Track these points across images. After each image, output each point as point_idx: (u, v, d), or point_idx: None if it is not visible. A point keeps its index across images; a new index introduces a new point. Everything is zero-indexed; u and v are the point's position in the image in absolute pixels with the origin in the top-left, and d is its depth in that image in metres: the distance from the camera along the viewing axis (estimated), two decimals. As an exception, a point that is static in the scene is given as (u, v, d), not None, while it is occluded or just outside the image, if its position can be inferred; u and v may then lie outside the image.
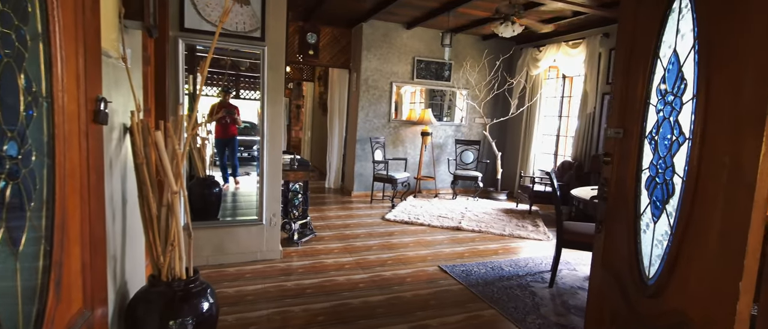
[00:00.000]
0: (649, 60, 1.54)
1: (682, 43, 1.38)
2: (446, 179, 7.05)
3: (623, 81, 1.73)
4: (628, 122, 1.67)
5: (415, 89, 6.85)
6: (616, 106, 1.78)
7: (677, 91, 1.38)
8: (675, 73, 1.40)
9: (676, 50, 1.40)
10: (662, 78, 1.47)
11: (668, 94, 1.43)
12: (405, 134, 6.75)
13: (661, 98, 1.47)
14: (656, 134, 1.48)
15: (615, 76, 1.81)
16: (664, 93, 1.46)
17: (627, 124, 1.68)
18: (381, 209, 5.66)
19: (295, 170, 4.02)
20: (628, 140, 1.66)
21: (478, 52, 6.87)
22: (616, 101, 1.79)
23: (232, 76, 5.15)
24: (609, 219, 1.78)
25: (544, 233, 4.70)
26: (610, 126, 1.80)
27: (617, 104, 1.77)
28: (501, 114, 7.06)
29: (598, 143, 5.55)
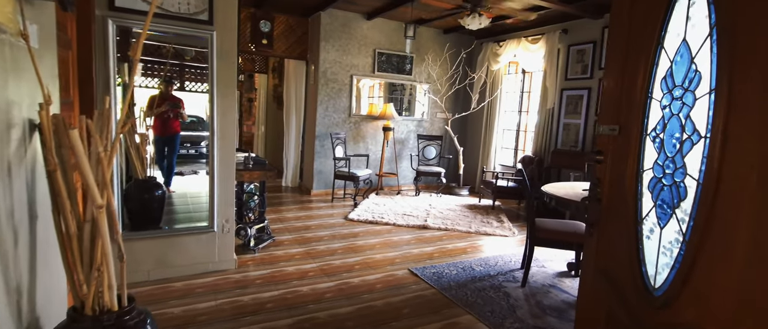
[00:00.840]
0: (651, 51, 1.42)
1: (693, 32, 1.25)
2: (408, 175, 6.91)
3: (618, 73, 1.61)
4: (625, 118, 1.55)
5: (376, 82, 6.62)
6: (608, 100, 1.66)
7: (688, 84, 1.26)
8: (686, 66, 1.27)
9: (686, 40, 1.28)
10: (668, 71, 1.35)
11: (677, 88, 1.31)
12: (366, 130, 6.51)
13: (667, 93, 1.35)
14: (662, 132, 1.36)
15: (607, 68, 1.69)
16: (671, 87, 1.34)
17: (623, 120, 1.56)
18: (343, 209, 5.39)
19: (250, 170, 3.66)
20: (626, 138, 1.53)
21: (440, 46, 6.76)
22: (608, 96, 1.66)
23: (176, 66, 4.67)
24: (603, 221, 1.67)
25: (509, 229, 4.68)
26: (602, 123, 1.68)
27: (611, 99, 1.64)
28: (462, 109, 7.02)
29: (557, 138, 5.63)
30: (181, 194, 4.70)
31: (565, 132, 5.53)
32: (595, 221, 1.72)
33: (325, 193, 6.21)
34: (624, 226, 1.54)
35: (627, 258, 1.51)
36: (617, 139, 1.59)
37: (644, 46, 1.46)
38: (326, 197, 6.02)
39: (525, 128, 6.43)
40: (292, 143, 6.70)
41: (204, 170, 3.48)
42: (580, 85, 5.32)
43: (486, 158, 6.72)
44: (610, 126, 1.62)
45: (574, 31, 5.35)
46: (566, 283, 3.24)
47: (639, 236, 1.45)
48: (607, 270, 1.65)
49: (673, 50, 1.33)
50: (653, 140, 1.40)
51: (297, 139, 6.71)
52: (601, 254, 1.69)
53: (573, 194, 2.92)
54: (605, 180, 1.66)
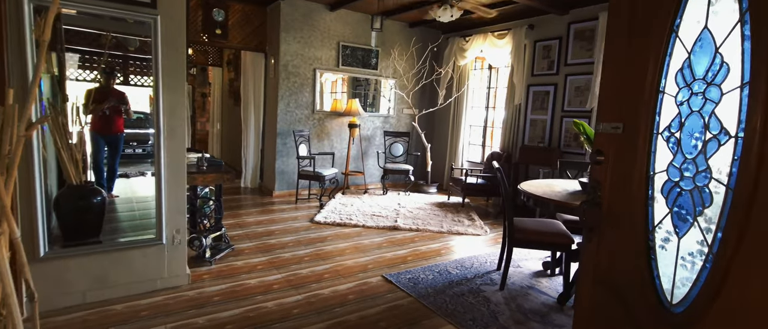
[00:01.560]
0: (663, 40, 1.28)
1: (716, 20, 1.12)
2: (376, 173, 6.70)
3: (620, 65, 1.47)
4: (631, 114, 1.41)
5: (340, 77, 6.33)
6: (609, 95, 1.52)
7: (712, 78, 1.12)
8: (709, 57, 1.14)
9: (708, 28, 1.14)
10: (686, 62, 1.21)
11: (697, 81, 1.17)
12: (331, 127, 6.21)
13: (684, 87, 1.22)
14: (678, 131, 1.23)
15: (607, 59, 1.54)
16: (689, 81, 1.20)
17: (628, 117, 1.42)
18: (308, 211, 5.09)
19: (204, 173, 3.29)
20: (632, 137, 1.39)
21: (406, 40, 6.58)
22: (608, 90, 1.52)
23: (119, 57, 4.19)
24: (603, 227, 1.53)
25: (480, 227, 4.59)
26: (602, 119, 1.54)
27: (612, 93, 1.50)
28: (429, 105, 6.89)
29: (524, 134, 5.63)
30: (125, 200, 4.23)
31: (532, 128, 5.53)
32: (594, 227, 1.58)
33: (289, 194, 5.86)
34: (630, 234, 1.40)
35: (635, 269, 1.37)
36: (621, 138, 1.45)
37: (653, 34, 1.32)
38: (290, 199, 5.68)
39: (492, 124, 6.40)
40: (251, 141, 6.28)
41: (152, 170, 3.09)
42: (546, 81, 5.33)
43: (453, 155, 6.63)
44: (612, 124, 1.48)
45: (540, 26, 5.34)
46: (544, 283, 3.16)
47: (650, 246, 1.32)
48: (609, 281, 1.51)
49: (691, 39, 1.20)
50: (667, 139, 1.27)
51: (256, 137, 6.30)
52: (601, 263, 1.55)
53: (551, 193, 2.83)
54: (606, 183, 1.52)
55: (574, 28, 4.97)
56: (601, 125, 1.54)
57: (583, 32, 4.87)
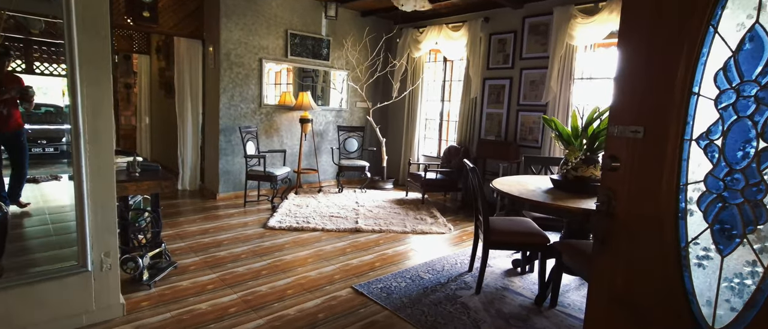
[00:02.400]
0: (697, 37, 1.15)
1: None
2: (330, 170, 6.37)
3: (640, 63, 1.34)
4: (654, 118, 1.28)
5: (284, 67, 5.88)
6: (625, 95, 1.38)
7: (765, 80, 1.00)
8: (760, 56, 1.02)
9: (760, 23, 1.02)
10: (729, 62, 1.09)
11: (747, 83, 1.05)
12: (280, 122, 5.76)
13: (728, 89, 1.10)
14: (718, 138, 1.11)
15: (623, 54, 1.40)
16: (734, 82, 1.08)
17: (651, 121, 1.29)
18: (260, 214, 4.66)
19: (137, 180, 2.79)
20: (658, 143, 1.27)
21: (359, 30, 6.27)
22: (624, 90, 1.39)
23: (20, 42, 3.51)
24: (619, 240, 1.41)
25: (443, 225, 4.48)
26: (616, 122, 1.40)
27: (629, 93, 1.37)
28: (383, 98, 6.67)
29: (481, 128, 5.61)
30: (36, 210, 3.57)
31: (489, 122, 5.53)
32: (605, 237, 1.46)
33: (235, 196, 5.36)
34: (655, 249, 1.28)
35: (664, 287, 1.26)
36: (641, 143, 1.32)
37: (685, 29, 1.18)
38: (237, 202, 5.18)
39: (447, 117, 6.34)
40: (189, 138, 5.64)
41: (69, 173, 2.55)
42: (502, 74, 5.33)
43: (409, 150, 6.49)
44: (630, 128, 1.35)
45: (496, 19, 5.32)
46: (517, 283, 3.10)
47: (684, 263, 1.20)
48: (628, 299, 1.40)
49: (736, 36, 1.07)
50: (706, 147, 1.15)
51: (195, 133, 5.67)
52: (617, 280, 1.43)
53: (526, 192, 2.75)
54: (622, 192, 1.39)
55: (528, 22, 4.99)
56: (617, 128, 1.40)
57: (538, 27, 4.91)
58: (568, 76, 4.56)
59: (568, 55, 4.53)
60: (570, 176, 2.79)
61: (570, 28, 4.45)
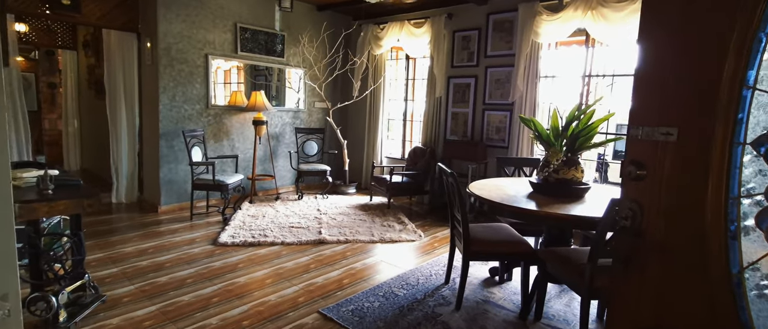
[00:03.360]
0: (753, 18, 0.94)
1: None
2: (287, 175, 5.93)
3: (670, 51, 1.12)
4: (693, 118, 1.07)
5: (233, 65, 5.38)
6: (650, 91, 1.17)
7: None
8: None
9: None
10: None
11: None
12: (231, 124, 5.25)
13: (798, 80, 0.89)
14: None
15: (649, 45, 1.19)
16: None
17: (687, 121, 1.08)
18: (209, 228, 4.16)
19: (50, 200, 2.27)
20: (695, 147, 1.06)
21: (316, 25, 5.89)
22: (649, 84, 1.17)
23: None
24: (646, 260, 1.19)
25: (413, 232, 4.23)
26: (640, 122, 1.18)
27: (656, 89, 1.15)
28: (342, 98, 6.32)
29: (446, 128, 5.43)
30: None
31: (454, 121, 5.36)
32: (628, 257, 1.24)
33: (180, 208, 4.79)
34: (697, 273, 1.07)
35: (709, 317, 1.05)
36: (675, 148, 1.11)
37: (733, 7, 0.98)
38: (182, 215, 4.62)
39: (411, 117, 6.11)
40: (124, 144, 4.99)
41: None
42: (466, 73, 5.18)
43: (372, 151, 6.20)
44: (661, 129, 1.13)
45: (459, 16, 5.15)
46: (497, 294, 2.90)
47: (738, 292, 0.99)
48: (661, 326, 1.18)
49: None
50: (766, 154, 0.94)
51: (131, 138, 5.03)
52: (643, 307, 1.22)
53: (507, 198, 2.54)
54: (651, 205, 1.17)
55: (493, 19, 4.86)
56: (641, 130, 1.18)
57: (503, 24, 4.79)
58: (534, 74, 4.47)
59: (534, 53, 4.44)
60: (551, 178, 2.61)
61: (536, 26, 4.36)
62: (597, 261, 2.04)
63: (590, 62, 4.30)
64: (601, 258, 2.04)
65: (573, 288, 2.27)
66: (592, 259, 2.05)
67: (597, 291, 2.10)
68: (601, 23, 3.93)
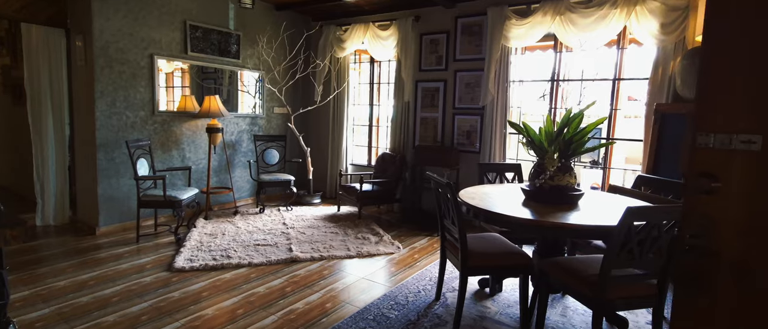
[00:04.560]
0: None
1: None
2: (246, 187, 5.48)
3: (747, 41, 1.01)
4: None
5: (180, 67, 4.87)
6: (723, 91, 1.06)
7: None
8: None
9: None
10: None
11: None
12: (181, 132, 4.73)
13: None
14: None
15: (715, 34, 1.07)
16: None
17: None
18: (161, 251, 3.66)
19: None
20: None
21: (275, 25, 5.51)
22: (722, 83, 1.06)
23: None
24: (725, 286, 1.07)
25: (390, 243, 4.01)
26: (709, 129, 1.07)
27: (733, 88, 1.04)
28: (303, 102, 5.98)
29: (415, 133, 5.29)
30: None
31: (423, 126, 5.23)
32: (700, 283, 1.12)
33: (124, 229, 4.21)
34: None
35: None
36: (760, 158, 1.00)
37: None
38: (127, 236, 4.05)
39: (377, 123, 5.91)
40: (51, 156, 4.29)
41: None
42: (435, 77, 5.08)
43: (336, 159, 5.91)
44: (740, 137, 1.02)
45: (427, 18, 5.04)
46: (492, 308, 2.77)
47: None
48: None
49: None
50: None
51: (60, 150, 4.34)
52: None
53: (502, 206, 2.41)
54: (728, 222, 1.06)
55: (461, 22, 4.80)
56: (714, 138, 1.06)
57: (471, 27, 4.75)
58: (504, 78, 4.46)
59: (504, 57, 4.43)
60: (546, 185, 2.53)
61: (505, 30, 4.35)
62: (610, 272, 1.96)
63: (559, 67, 4.36)
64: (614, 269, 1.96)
65: (582, 301, 2.17)
66: (605, 270, 1.95)
67: (611, 303, 2.01)
68: (570, 28, 3.99)
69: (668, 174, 3.24)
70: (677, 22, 3.50)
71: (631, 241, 1.93)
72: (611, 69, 4.07)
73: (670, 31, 3.54)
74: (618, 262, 1.96)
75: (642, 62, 4.01)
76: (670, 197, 2.69)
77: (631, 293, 2.07)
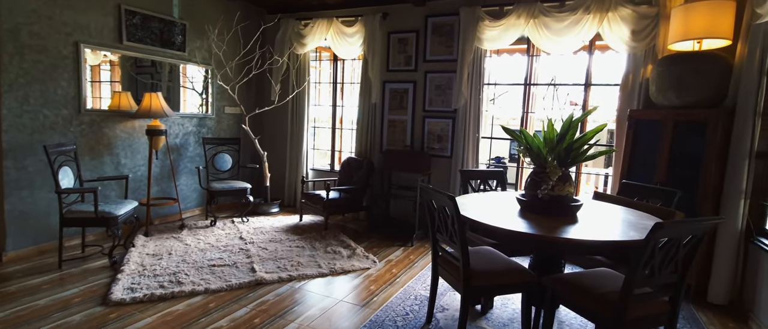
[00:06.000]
0: None
1: None
2: (193, 196, 4.87)
3: None
4: None
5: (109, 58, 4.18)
6: None
7: None
8: None
9: None
10: None
11: None
12: (114, 135, 4.05)
13: None
14: None
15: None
16: None
17: None
18: (92, 280, 3.03)
19: None
20: None
21: (228, 16, 4.96)
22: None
23: None
24: None
25: (365, 257, 3.70)
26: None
27: None
28: (258, 102, 5.47)
29: (383, 137, 5.01)
30: None
31: (391, 130, 4.97)
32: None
33: (41, 253, 3.48)
34: None
35: None
36: None
37: None
38: (46, 262, 3.34)
39: (340, 126, 5.55)
40: (-59, 165, 3.44)
41: None
42: (404, 78, 4.84)
43: (296, 164, 5.46)
44: None
45: (395, 16, 4.78)
46: (486, 327, 2.56)
47: None
48: None
49: None
50: None
51: (-47, 157, 3.49)
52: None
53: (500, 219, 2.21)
54: None
55: (431, 21, 4.61)
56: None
57: (442, 27, 4.57)
58: (478, 80, 4.33)
59: (477, 59, 4.30)
60: (546, 196, 2.37)
61: (479, 32, 4.22)
62: (633, 291, 1.81)
63: (532, 71, 4.31)
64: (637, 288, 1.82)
65: (593, 320, 2.02)
66: (626, 289, 1.81)
67: (630, 323, 1.87)
68: (544, 32, 3.94)
69: (643, 180, 3.27)
70: (648, 30, 3.56)
71: (654, 258, 1.80)
72: (583, 74, 4.09)
73: (641, 38, 3.59)
74: (641, 280, 1.82)
75: (612, 69, 4.06)
76: (660, 205, 2.66)
77: (647, 312, 1.95)
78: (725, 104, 3.04)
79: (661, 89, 3.23)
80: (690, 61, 3.06)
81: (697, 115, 3.02)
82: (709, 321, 2.77)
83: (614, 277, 2.17)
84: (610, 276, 2.18)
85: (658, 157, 3.24)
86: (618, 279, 2.14)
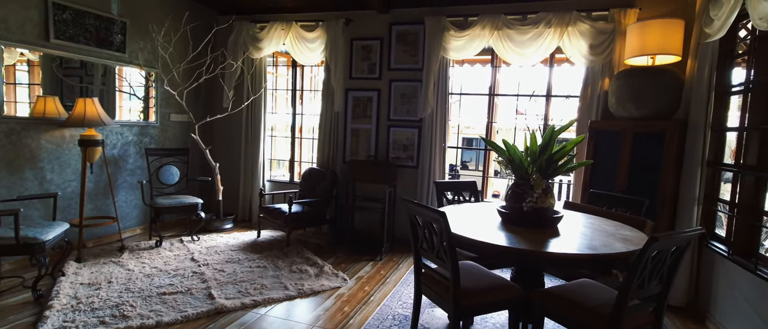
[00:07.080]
0: None
1: None
2: (133, 214, 4.36)
3: None
4: None
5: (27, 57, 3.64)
6: None
7: None
8: None
9: None
10: None
11: None
12: (38, 146, 3.50)
13: None
14: None
15: None
16: None
17: None
18: (12, 320, 2.54)
19: None
20: None
21: (176, 16, 4.54)
22: None
23: None
24: None
25: (333, 275, 3.48)
26: None
27: None
28: (209, 110, 5.06)
29: (345, 146, 4.83)
30: None
31: (354, 139, 4.80)
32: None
33: (-60, 288, 2.88)
34: None
35: None
36: None
37: None
38: (-54, 299, 2.76)
39: (300, 135, 5.28)
40: None
41: None
42: (368, 85, 4.71)
43: (251, 176, 5.11)
44: None
45: (359, 22, 4.65)
46: (471, 347, 2.47)
47: None
48: None
49: None
50: None
51: None
52: None
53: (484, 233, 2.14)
54: None
55: (396, 29, 4.54)
56: None
57: (406, 36, 4.51)
58: (444, 90, 4.31)
59: (443, 69, 4.29)
60: (529, 208, 2.34)
61: (444, 41, 4.21)
62: (627, 304, 1.80)
63: (495, 81, 4.37)
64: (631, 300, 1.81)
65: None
66: (622, 302, 1.79)
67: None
68: (508, 44, 4.01)
69: (604, 188, 3.39)
70: (605, 45, 3.74)
71: (646, 270, 1.81)
72: (544, 86, 4.21)
73: (598, 52, 3.76)
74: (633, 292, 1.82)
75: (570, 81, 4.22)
76: (629, 213, 2.75)
77: (636, 323, 1.95)
78: (677, 116, 3.24)
79: (621, 101, 3.38)
80: (647, 75, 3.23)
81: (655, 126, 3.18)
82: (671, 323, 2.90)
83: (599, 288, 2.17)
84: (595, 287, 2.18)
85: (619, 166, 3.38)
86: (603, 290, 2.15)
